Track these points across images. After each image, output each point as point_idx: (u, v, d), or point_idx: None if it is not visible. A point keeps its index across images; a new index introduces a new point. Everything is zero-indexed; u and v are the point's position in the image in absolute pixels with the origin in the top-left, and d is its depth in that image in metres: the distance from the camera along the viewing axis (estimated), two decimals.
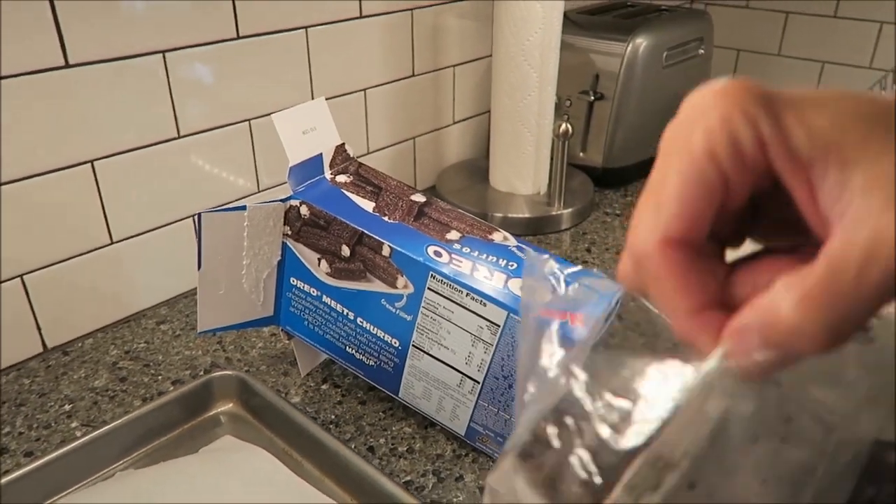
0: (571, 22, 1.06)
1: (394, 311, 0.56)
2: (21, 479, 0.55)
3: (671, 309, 0.21)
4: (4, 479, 0.54)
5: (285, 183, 0.87)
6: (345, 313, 0.59)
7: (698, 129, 0.21)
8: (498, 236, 0.57)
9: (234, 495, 0.52)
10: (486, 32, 1.07)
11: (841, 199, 0.19)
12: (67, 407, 0.64)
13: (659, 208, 0.21)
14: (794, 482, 0.21)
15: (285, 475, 0.54)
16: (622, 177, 1.08)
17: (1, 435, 0.60)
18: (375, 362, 0.59)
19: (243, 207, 0.56)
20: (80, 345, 0.72)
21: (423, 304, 0.54)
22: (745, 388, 0.20)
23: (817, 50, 1.44)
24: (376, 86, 0.95)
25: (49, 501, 0.55)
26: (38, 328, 0.70)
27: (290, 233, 0.59)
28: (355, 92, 0.92)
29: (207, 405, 0.64)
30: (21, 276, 0.67)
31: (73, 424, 0.62)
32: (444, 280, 0.53)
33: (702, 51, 1.13)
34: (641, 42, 1.01)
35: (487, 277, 0.53)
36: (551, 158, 0.98)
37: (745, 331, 0.20)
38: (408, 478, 0.56)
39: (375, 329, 0.57)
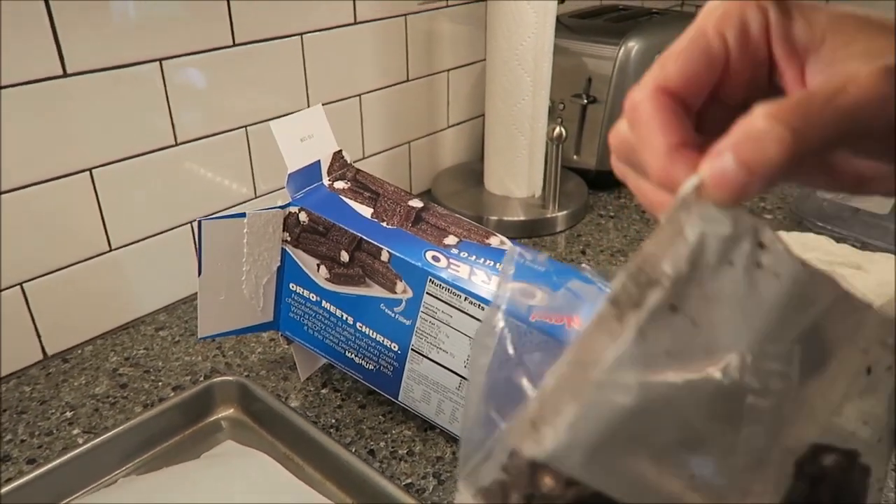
0: (564, 26, 1.07)
1: (393, 315, 0.56)
2: (24, 487, 0.55)
3: (653, 148, 0.23)
4: (7, 487, 0.54)
5: (282, 188, 0.87)
6: (344, 318, 0.59)
7: (717, 11, 0.24)
8: (495, 241, 0.58)
9: (237, 499, 0.53)
10: (479, 37, 1.08)
11: (827, 75, 0.22)
12: (69, 414, 0.64)
13: (663, 65, 0.24)
14: (769, 315, 0.22)
15: (287, 479, 0.55)
16: (615, 179, 1.08)
17: (3, 442, 0.61)
18: (375, 366, 0.60)
19: (243, 215, 0.56)
20: (79, 352, 0.73)
21: (421, 308, 0.55)
22: (721, 212, 0.21)
23: None
24: (371, 91, 0.95)
25: None
26: (38, 335, 0.70)
27: (289, 239, 0.60)
28: (351, 97, 0.93)
29: (208, 411, 0.64)
30: (21, 283, 0.68)
31: (75, 431, 0.62)
32: (443, 285, 0.53)
33: None
34: (633, 45, 1.02)
35: (485, 282, 0.53)
36: (545, 161, 0.98)
37: (720, 151, 0.21)
38: (408, 480, 0.57)
39: (375, 333, 0.58)
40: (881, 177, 0.25)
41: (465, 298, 0.53)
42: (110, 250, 0.73)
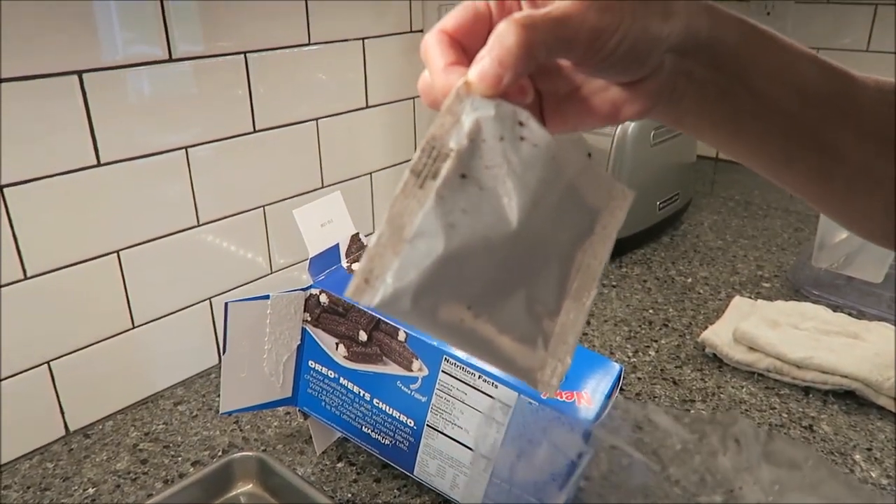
0: None
1: (409, 392, 0.59)
2: None
3: (434, 68, 0.30)
4: None
5: (297, 263, 0.91)
6: (361, 394, 0.62)
7: None
8: None
9: None
10: None
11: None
12: (91, 490, 0.66)
13: (446, 17, 0.31)
14: (535, 175, 0.30)
15: None
16: (616, 248, 1.12)
17: None
18: (391, 441, 0.62)
19: (267, 296, 0.59)
20: (100, 427, 0.75)
21: (437, 385, 0.58)
22: (487, 101, 0.29)
23: None
24: (381, 169, 1.00)
25: None
26: (62, 412, 0.72)
27: (309, 319, 0.63)
28: (361, 176, 0.98)
29: (228, 486, 0.66)
30: (48, 362, 0.70)
31: None
32: (458, 363, 0.56)
33: None
34: (630, 123, 1.07)
35: None
36: None
37: (481, 57, 0.28)
38: None
39: (391, 409, 0.60)
40: (628, 100, 0.32)
41: (479, 376, 0.56)
42: (133, 327, 0.76)
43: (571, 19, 0.28)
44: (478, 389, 0.56)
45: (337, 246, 0.64)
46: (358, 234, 0.66)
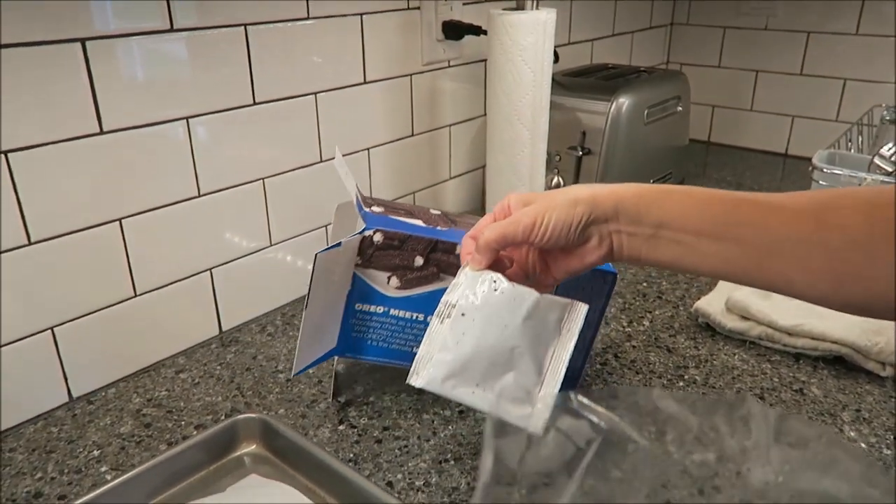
0: (558, 84, 1.14)
1: None
2: None
3: (465, 251, 0.55)
4: None
5: (295, 237, 0.92)
6: (414, 317, 0.66)
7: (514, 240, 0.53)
8: None
9: None
10: (478, 94, 1.15)
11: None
12: (96, 453, 0.67)
13: (484, 227, 0.54)
14: (502, 308, 0.54)
15: None
16: None
17: (34, 480, 0.63)
18: None
19: (339, 244, 0.60)
20: (103, 394, 0.75)
21: None
22: (476, 270, 0.54)
23: (787, 105, 1.54)
24: (379, 145, 1.01)
25: None
26: (66, 378, 0.73)
27: (360, 262, 0.65)
28: (360, 151, 0.99)
29: (232, 447, 0.67)
30: (52, 328, 0.71)
31: (103, 469, 0.64)
32: None
33: (680, 108, 1.21)
34: (624, 101, 1.08)
35: None
36: None
37: (472, 252, 0.53)
38: None
39: None
40: (587, 255, 0.52)
41: None
42: (135, 296, 0.77)
43: (510, 225, 0.50)
44: None
45: (358, 192, 0.67)
46: (357, 184, 0.69)
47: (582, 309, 0.54)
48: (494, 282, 0.52)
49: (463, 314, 0.52)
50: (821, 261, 0.42)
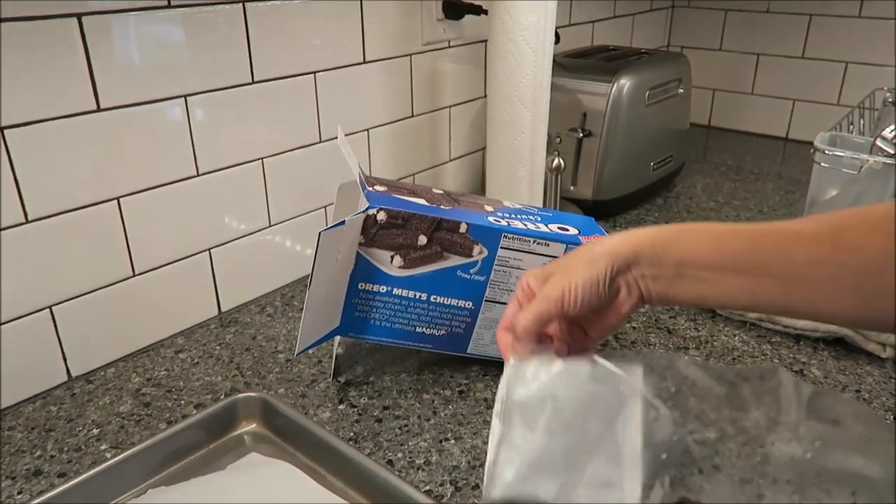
0: (559, 65, 1.13)
1: (469, 276, 0.67)
2: (56, 499, 0.57)
3: (504, 346, 0.50)
4: (40, 499, 0.57)
5: (294, 218, 0.92)
6: (417, 297, 0.67)
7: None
8: (507, 203, 0.73)
9: None
10: (478, 76, 1.14)
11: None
12: (95, 431, 0.66)
13: (525, 306, 0.50)
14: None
15: (311, 485, 0.57)
16: (612, 208, 1.13)
17: (33, 458, 0.63)
18: (447, 330, 0.69)
19: (342, 222, 0.60)
20: (102, 373, 0.75)
21: (496, 262, 0.66)
22: (523, 362, 0.48)
23: (788, 89, 1.53)
24: (378, 126, 1.00)
25: None
26: (64, 357, 0.73)
27: (363, 241, 0.64)
28: (359, 132, 0.98)
29: (232, 426, 0.67)
30: (50, 307, 0.71)
31: (103, 447, 0.64)
32: (515, 236, 0.66)
33: (681, 90, 1.21)
34: (625, 83, 1.08)
35: (536, 226, 0.68)
36: (544, 192, 1.03)
37: (509, 342, 0.49)
38: (427, 487, 0.59)
39: (449, 300, 0.68)
40: (622, 306, 0.49)
41: (534, 241, 0.66)
42: (134, 275, 0.77)
43: (542, 304, 0.48)
44: (532, 252, 0.66)
45: (361, 172, 0.67)
46: (358, 162, 0.68)
47: (637, 371, 0.48)
48: (545, 364, 0.48)
49: (523, 406, 0.47)
50: (844, 281, 0.43)
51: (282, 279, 0.94)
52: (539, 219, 0.71)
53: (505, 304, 0.69)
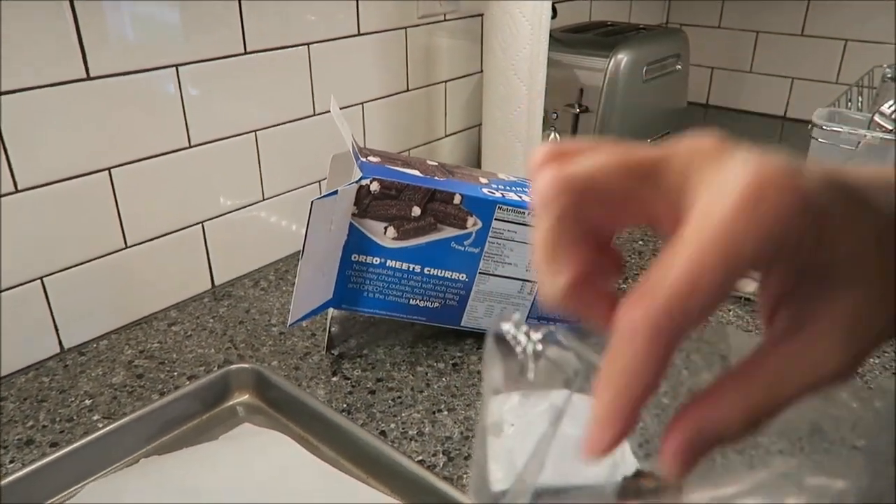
0: (556, 40, 1.12)
1: (463, 248, 0.66)
2: (48, 467, 0.57)
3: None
4: (31, 467, 0.57)
5: (288, 192, 0.91)
6: (410, 269, 0.66)
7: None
8: (503, 175, 0.73)
9: (257, 475, 0.55)
10: (475, 50, 1.13)
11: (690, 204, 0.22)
12: (88, 402, 0.66)
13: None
14: None
15: (304, 455, 0.58)
16: None
17: (25, 428, 0.63)
18: (441, 303, 0.69)
19: (335, 192, 0.59)
20: (95, 345, 0.75)
21: (490, 234, 0.66)
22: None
23: (787, 66, 1.52)
24: (373, 100, 0.99)
25: (76, 486, 0.58)
26: (56, 329, 0.73)
27: (356, 212, 0.64)
28: (354, 105, 0.97)
29: (224, 397, 0.67)
30: (41, 278, 0.70)
31: (95, 417, 0.64)
32: (509, 207, 0.65)
33: (679, 67, 1.20)
34: (622, 58, 1.07)
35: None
36: None
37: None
38: (420, 458, 0.59)
39: (443, 272, 0.67)
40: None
41: (529, 213, 0.64)
42: (126, 247, 0.76)
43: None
44: (527, 224, 0.64)
45: (354, 142, 0.66)
46: (352, 133, 0.68)
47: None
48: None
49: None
50: None
51: (276, 253, 0.93)
52: None
53: (499, 276, 0.69)
